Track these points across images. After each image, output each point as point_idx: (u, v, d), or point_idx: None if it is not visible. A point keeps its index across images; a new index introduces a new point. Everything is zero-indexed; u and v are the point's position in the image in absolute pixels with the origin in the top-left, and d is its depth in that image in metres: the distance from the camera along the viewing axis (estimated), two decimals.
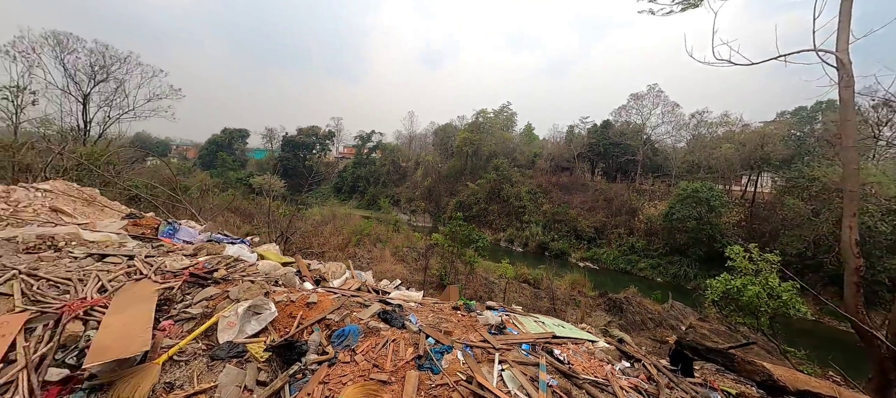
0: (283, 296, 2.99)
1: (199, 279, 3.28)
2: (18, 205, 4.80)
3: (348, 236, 27.91)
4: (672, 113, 40.25)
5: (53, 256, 3.54)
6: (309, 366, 2.31)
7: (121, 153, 23.49)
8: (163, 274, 3.37)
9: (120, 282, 3.15)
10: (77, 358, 2.40)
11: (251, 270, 3.69)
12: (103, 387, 2.19)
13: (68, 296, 2.84)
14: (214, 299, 2.96)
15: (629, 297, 20.37)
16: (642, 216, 38.09)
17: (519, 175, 49.55)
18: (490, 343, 2.60)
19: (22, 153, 16.77)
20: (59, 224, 4.62)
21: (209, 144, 64.01)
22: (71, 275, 3.14)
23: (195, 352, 2.46)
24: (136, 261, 3.54)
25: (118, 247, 4.11)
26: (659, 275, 32.83)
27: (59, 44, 21.25)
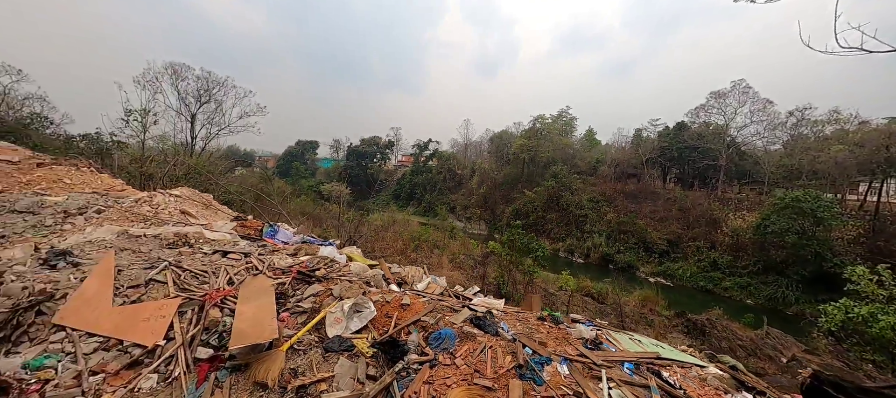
0: (378, 297, 3.20)
1: (305, 276, 3.65)
2: (159, 208, 5.83)
3: (408, 241, 28.83)
4: (763, 111, 35.42)
5: (189, 252, 4.21)
6: (411, 365, 2.42)
7: (218, 164, 27.06)
8: (274, 270, 3.81)
9: (242, 276, 3.63)
10: (218, 339, 2.80)
11: (345, 270, 4.01)
12: (241, 368, 2.52)
13: (207, 286, 3.33)
14: (320, 295, 3.27)
15: (713, 319, 18.20)
16: (727, 228, 33.85)
17: (580, 182, 47.27)
18: (589, 358, 2.49)
19: (147, 165, 20.09)
20: (188, 224, 5.48)
21: (285, 155, 71.17)
22: (206, 267, 3.69)
23: (310, 342, 2.73)
24: (252, 258, 4.06)
25: (233, 245, 4.74)
26: (749, 296, 28.80)
27: (175, 73, 25.02)
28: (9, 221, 5.22)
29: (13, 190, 6.42)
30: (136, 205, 6.18)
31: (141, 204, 6.09)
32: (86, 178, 7.74)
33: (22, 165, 9.04)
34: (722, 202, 37.31)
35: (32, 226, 5.12)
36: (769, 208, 28.57)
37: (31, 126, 19.63)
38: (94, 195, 6.56)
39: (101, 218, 5.50)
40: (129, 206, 6.06)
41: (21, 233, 4.97)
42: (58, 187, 6.82)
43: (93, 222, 5.28)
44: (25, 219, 5.34)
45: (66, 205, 5.79)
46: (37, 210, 5.48)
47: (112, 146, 17.53)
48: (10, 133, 16.82)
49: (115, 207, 5.86)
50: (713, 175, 41.42)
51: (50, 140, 20.78)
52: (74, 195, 6.39)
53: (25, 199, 5.66)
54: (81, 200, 6.05)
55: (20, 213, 5.40)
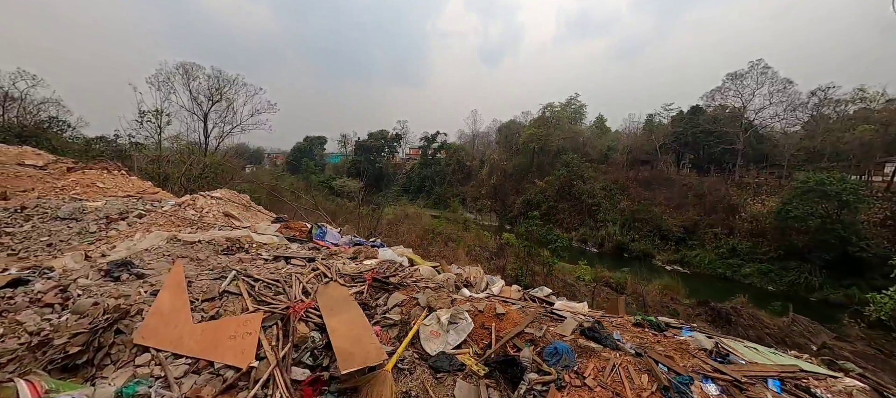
0: (467, 305, 2.99)
1: (382, 284, 3.45)
2: (203, 211, 5.69)
3: (422, 235, 28.71)
4: (783, 92, 34.41)
5: (248, 258, 4.03)
6: (534, 386, 2.22)
7: (232, 162, 27.05)
8: (343, 277, 3.61)
9: (313, 285, 3.43)
10: (311, 358, 2.62)
11: (416, 275, 3.81)
12: (347, 392, 2.34)
13: (283, 297, 3.15)
14: (405, 305, 3.07)
15: (738, 308, 17.88)
16: (746, 214, 33.24)
17: (592, 170, 46.66)
18: (728, 374, 2.27)
19: (165, 165, 20.06)
20: (234, 227, 5.32)
21: (294, 151, 71.29)
22: (274, 276, 3.51)
23: (412, 360, 2.54)
24: (317, 264, 3.86)
25: (285, 248, 4.56)
26: (770, 282, 28.35)
27: (187, 72, 24.85)
28: (53, 228, 5.13)
29: (49, 195, 6.31)
30: (179, 208, 6.11)
31: (184, 207, 6.00)
32: (118, 181, 7.63)
33: (52, 170, 8.95)
34: (740, 187, 36.59)
35: (78, 234, 5.02)
36: (791, 192, 27.92)
37: (50, 130, 19.66)
38: (129, 199, 6.44)
39: (144, 223, 5.44)
40: (173, 211, 6.00)
41: (67, 240, 4.85)
42: (92, 191, 6.71)
43: (137, 227, 5.23)
44: (69, 226, 5.25)
45: (107, 211, 5.66)
46: (79, 216, 5.38)
47: (130, 148, 17.47)
48: (31, 137, 16.84)
49: (156, 211, 5.74)
50: (729, 159, 40.55)
51: (68, 143, 20.86)
52: (111, 200, 6.26)
53: (67, 206, 5.56)
54: (119, 205, 5.93)
55: (63, 220, 5.31)
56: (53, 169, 10.26)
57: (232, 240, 4.48)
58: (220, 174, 23.33)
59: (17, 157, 11.64)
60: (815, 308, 23.75)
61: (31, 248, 4.65)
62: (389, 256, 4.29)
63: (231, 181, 25.07)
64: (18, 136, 17.34)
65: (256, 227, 5.51)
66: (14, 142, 16.35)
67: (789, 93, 34.36)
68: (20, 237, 4.85)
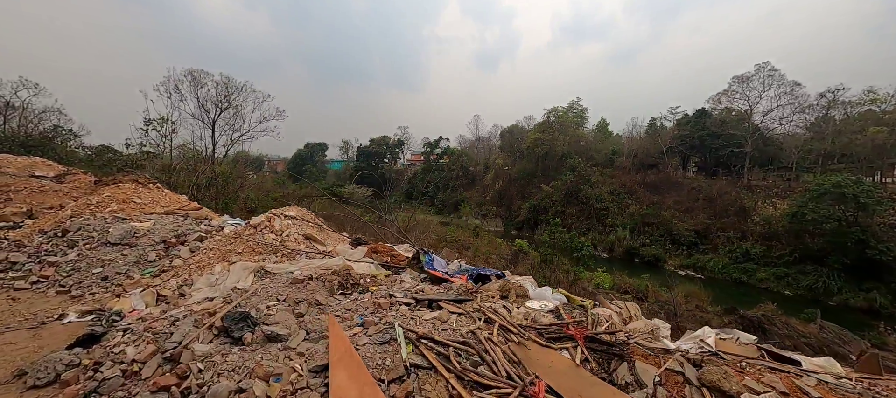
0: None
1: (607, 346, 2.65)
2: (282, 234, 5.12)
3: (435, 242, 28.15)
4: (791, 94, 34.43)
5: (378, 300, 3.27)
6: None
7: (241, 171, 26.47)
8: (521, 329, 2.93)
9: (501, 344, 2.73)
10: None
11: (604, 318, 3.21)
12: None
13: (483, 368, 2.37)
14: (666, 382, 2.31)
15: (770, 315, 17.47)
16: (757, 217, 33.04)
17: (598, 175, 46.47)
18: None
19: (175, 174, 19.47)
20: (320, 253, 4.70)
21: (295, 158, 70.70)
22: (450, 335, 2.72)
23: None
24: (484, 311, 3.17)
25: (398, 283, 3.96)
26: (786, 287, 28.01)
27: (195, 79, 24.36)
28: (105, 256, 4.54)
29: (83, 213, 5.79)
30: (255, 231, 5.27)
31: (261, 230, 5.31)
32: (154, 195, 7.10)
33: (76, 183, 8.41)
34: (749, 190, 36.46)
35: (135, 263, 4.42)
36: (805, 195, 27.73)
37: (56, 140, 19.08)
38: (175, 217, 5.89)
39: (211, 248, 4.80)
40: (243, 233, 5.19)
41: (125, 272, 4.25)
42: (130, 208, 6.19)
43: (203, 254, 4.62)
44: (123, 253, 4.68)
45: (161, 233, 5.09)
46: (130, 240, 4.84)
47: (142, 157, 16.94)
48: (37, 147, 16.29)
49: (218, 234, 5.22)
50: (736, 162, 40.48)
51: (73, 153, 20.28)
52: (158, 218, 5.69)
53: (117, 228, 5.07)
54: (169, 224, 5.38)
55: (114, 246, 4.79)
56: (73, 181, 9.72)
57: (340, 275, 3.84)
58: (230, 183, 22.72)
59: (28, 168, 11.10)
60: (835, 312, 23.39)
61: (83, 283, 4.08)
62: (546, 296, 3.69)
63: (240, 190, 24.52)
64: (23, 145, 16.79)
65: (339, 251, 4.94)
66: (19, 152, 15.79)
67: (797, 95, 34.38)
68: (67, 268, 4.29)
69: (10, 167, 11.21)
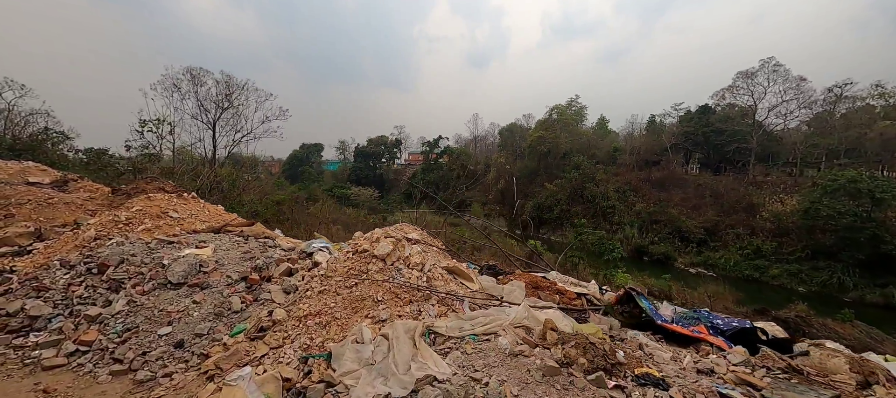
0: None
1: None
2: (424, 269, 3.95)
3: (448, 244, 27.20)
4: (797, 89, 34.45)
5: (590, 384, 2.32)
6: None
7: (243, 173, 25.22)
8: None
9: None
10: None
11: None
12: None
13: None
14: None
15: (805, 316, 17.05)
16: (766, 213, 32.97)
17: (602, 172, 46.17)
18: None
19: (177, 178, 18.18)
20: (490, 297, 3.65)
21: (290, 159, 68.86)
22: None
23: None
24: None
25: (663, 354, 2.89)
26: (800, 283, 27.92)
27: (194, 77, 23.07)
28: (170, 306, 3.29)
29: (111, 232, 4.78)
30: (373, 260, 3.87)
31: (393, 262, 3.89)
32: (191, 207, 6.07)
33: (89, 192, 7.33)
34: (756, 186, 36.43)
35: (216, 316, 3.21)
36: (817, 190, 27.64)
37: (46, 142, 17.64)
38: (232, 238, 4.81)
39: (315, 290, 3.49)
40: (364, 264, 3.77)
41: (207, 332, 3.09)
42: (167, 225, 5.18)
43: (310, 299, 3.35)
44: (195, 299, 3.45)
45: (231, 264, 4.00)
46: (198, 277, 3.67)
47: (143, 160, 15.69)
48: (26, 151, 14.92)
49: (310, 264, 4.07)
50: (740, 158, 40.52)
51: (65, 156, 18.81)
52: (210, 239, 4.62)
53: (175, 259, 3.89)
54: (233, 250, 4.28)
55: (177, 287, 3.58)
56: (78, 190, 8.59)
57: (530, 337, 2.81)
58: (235, 187, 21.54)
59: (21, 175, 9.91)
60: (851, 309, 23.32)
61: (149, 354, 2.79)
62: None
63: (243, 193, 23.26)
64: (11, 149, 15.40)
65: (492, 288, 3.95)
66: (8, 156, 14.41)
67: (803, 90, 34.41)
68: (118, 328, 3.00)
69: (2, 173, 9.99)
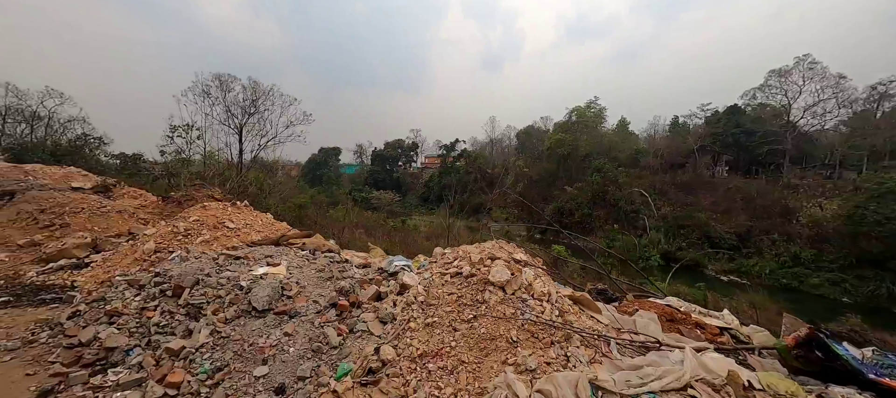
0: None
1: None
2: (551, 300, 3.35)
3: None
4: (835, 87, 32.76)
5: None
6: None
7: (270, 179, 25.47)
8: None
9: None
10: None
11: None
12: None
13: None
14: None
15: (859, 330, 15.96)
16: (804, 218, 31.38)
17: (625, 175, 45.03)
18: None
19: (209, 182, 18.32)
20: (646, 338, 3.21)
21: (309, 163, 69.70)
22: None
23: None
24: None
25: None
26: (844, 293, 26.38)
27: (222, 84, 23.41)
28: (260, 339, 2.86)
29: (171, 244, 4.62)
30: (488, 287, 3.32)
31: (514, 291, 3.32)
32: (245, 216, 5.90)
33: (138, 199, 7.25)
34: (790, 189, 34.78)
35: (313, 352, 2.74)
36: (865, 195, 26.10)
37: (84, 148, 18.11)
38: (296, 252, 4.55)
39: (418, 320, 3.10)
40: (473, 287, 3.29)
41: (310, 373, 2.62)
42: (224, 236, 5.01)
43: (418, 333, 2.93)
44: (286, 331, 2.97)
45: (311, 286, 3.67)
46: (282, 302, 3.32)
47: (177, 165, 15.88)
48: (66, 156, 15.30)
49: (391, 286, 3.63)
50: (773, 160, 38.79)
51: (100, 161, 19.29)
52: (277, 253, 4.39)
53: (260, 285, 3.46)
54: (306, 268, 4.03)
55: (262, 314, 3.12)
56: (123, 196, 8.56)
57: None
58: (262, 191, 21.66)
59: (65, 180, 10.04)
60: None
61: None
62: None
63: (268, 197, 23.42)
64: (53, 154, 15.84)
65: (616, 322, 3.56)
66: (50, 161, 14.78)
67: (843, 88, 32.68)
68: (207, 366, 2.61)
69: (47, 178, 10.15)
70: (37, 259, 5.00)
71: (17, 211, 6.31)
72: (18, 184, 8.49)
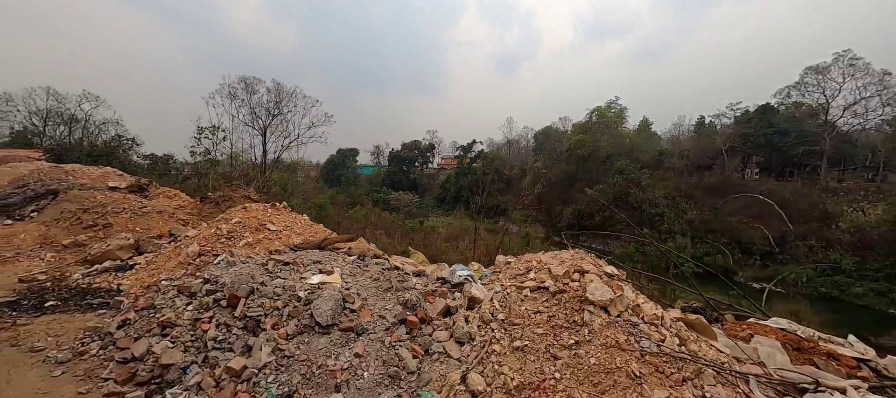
0: None
1: None
2: (666, 325, 2.93)
3: (489, 252, 26.49)
4: (880, 84, 30.84)
5: None
6: None
7: (294, 179, 25.74)
8: None
9: None
10: None
11: None
12: None
13: None
14: None
15: None
16: (845, 224, 29.64)
17: (648, 177, 43.68)
18: None
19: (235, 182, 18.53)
20: None
21: (328, 163, 70.55)
22: None
23: None
24: None
25: None
26: (890, 304, 24.76)
27: (248, 86, 23.74)
28: (329, 360, 2.58)
29: (215, 247, 4.48)
30: (586, 307, 2.91)
31: (619, 313, 2.90)
32: (285, 218, 5.77)
33: (174, 199, 7.21)
34: (829, 193, 32.94)
35: (390, 378, 2.49)
36: None
37: (118, 149, 18.67)
38: (344, 258, 4.35)
39: (500, 341, 2.73)
40: (567, 307, 2.91)
41: None
42: (267, 239, 4.87)
43: (504, 357, 2.58)
44: (355, 352, 2.67)
45: (367, 299, 3.38)
46: (347, 317, 3.04)
47: (206, 165, 16.11)
48: (102, 157, 15.74)
49: (458, 300, 3.30)
50: (808, 162, 36.87)
51: (132, 161, 19.85)
52: (324, 259, 4.19)
53: (322, 297, 3.12)
54: (361, 277, 3.77)
55: (324, 331, 2.86)
56: (159, 195, 8.55)
57: None
58: (284, 191, 21.84)
59: (102, 180, 10.20)
60: None
61: None
62: None
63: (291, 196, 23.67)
64: (90, 155, 16.32)
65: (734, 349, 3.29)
66: (87, 161, 15.21)
67: (887, 85, 30.74)
68: (272, 389, 2.37)
69: (85, 178, 10.31)
70: (82, 260, 4.95)
71: (61, 210, 6.35)
72: (60, 183, 8.65)
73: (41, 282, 4.38)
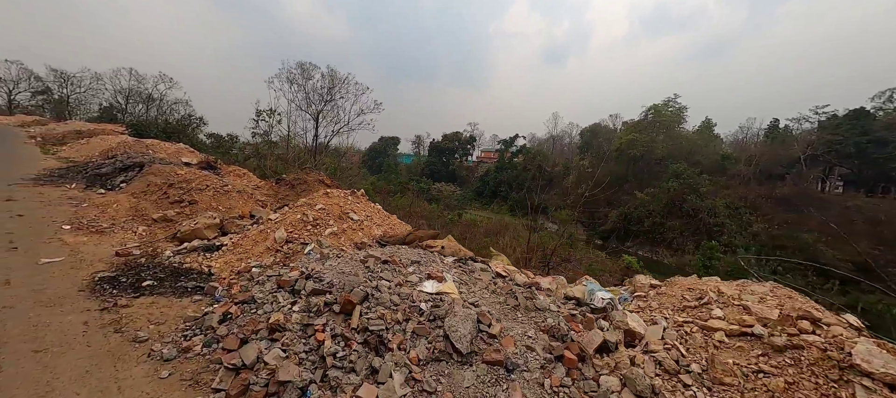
0: None
1: None
2: None
3: (531, 250, 25.60)
4: None
5: None
6: None
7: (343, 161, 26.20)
8: None
9: None
10: None
11: None
12: None
13: None
14: None
15: None
16: None
17: (709, 183, 40.21)
18: None
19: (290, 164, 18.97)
20: None
21: (370, 151, 72.03)
22: None
23: None
24: None
25: None
26: None
27: (304, 71, 24.25)
28: (465, 387, 2.16)
29: (302, 235, 4.29)
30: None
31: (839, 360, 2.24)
32: (364, 207, 5.58)
33: (261, 185, 7.19)
34: None
35: None
36: None
37: (188, 128, 19.86)
38: (441, 259, 4.01)
39: None
40: (783, 355, 2.35)
41: None
42: (351, 230, 4.66)
43: None
44: (506, 390, 2.14)
45: (501, 321, 2.87)
46: (486, 342, 2.54)
47: (265, 146, 16.61)
48: (174, 134, 16.74)
49: (613, 332, 2.75)
50: None
51: (198, 140, 21.08)
52: (421, 260, 3.85)
53: (456, 315, 2.66)
54: (469, 285, 3.36)
55: (464, 361, 2.36)
56: (229, 173, 8.59)
57: None
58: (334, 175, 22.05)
59: (177, 155, 10.61)
60: None
61: None
62: None
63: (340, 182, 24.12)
64: (164, 132, 17.38)
65: None
66: (162, 137, 16.21)
67: None
68: None
69: (163, 153, 10.75)
70: (171, 236, 4.96)
71: (147, 183, 6.55)
72: (144, 156, 9.05)
73: (136, 256, 4.38)
